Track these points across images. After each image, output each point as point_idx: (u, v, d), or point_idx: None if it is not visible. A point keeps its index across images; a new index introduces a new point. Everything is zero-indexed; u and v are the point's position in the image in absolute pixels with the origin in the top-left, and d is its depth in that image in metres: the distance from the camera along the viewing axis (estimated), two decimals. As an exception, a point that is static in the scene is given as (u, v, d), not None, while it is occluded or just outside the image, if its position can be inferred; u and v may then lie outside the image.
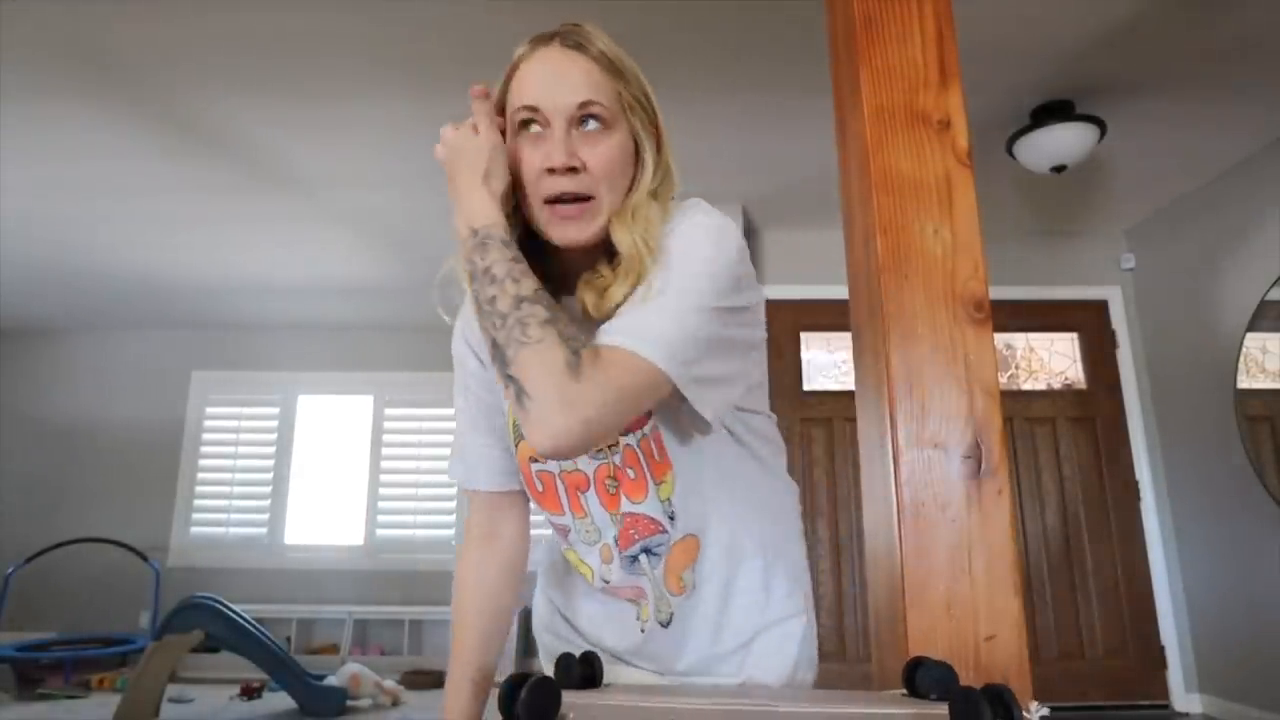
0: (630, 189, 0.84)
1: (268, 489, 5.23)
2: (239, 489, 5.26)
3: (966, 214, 1.13)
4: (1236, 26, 2.47)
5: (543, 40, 0.85)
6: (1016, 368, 4.09)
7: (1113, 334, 4.05)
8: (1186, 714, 3.56)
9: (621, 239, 0.80)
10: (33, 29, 2.43)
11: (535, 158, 0.81)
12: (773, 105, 2.94)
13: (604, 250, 0.84)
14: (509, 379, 0.72)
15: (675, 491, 0.86)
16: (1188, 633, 3.65)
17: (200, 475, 5.28)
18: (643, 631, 0.90)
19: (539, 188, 0.81)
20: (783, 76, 2.73)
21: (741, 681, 0.89)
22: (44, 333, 5.57)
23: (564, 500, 0.89)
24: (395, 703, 3.90)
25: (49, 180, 3.45)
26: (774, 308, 4.02)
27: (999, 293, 1.75)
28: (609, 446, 0.85)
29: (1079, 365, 4.06)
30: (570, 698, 0.71)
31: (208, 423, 5.38)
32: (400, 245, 4.13)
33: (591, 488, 0.87)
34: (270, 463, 5.28)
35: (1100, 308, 4.08)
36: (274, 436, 5.33)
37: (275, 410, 5.37)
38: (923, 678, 0.73)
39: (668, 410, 0.84)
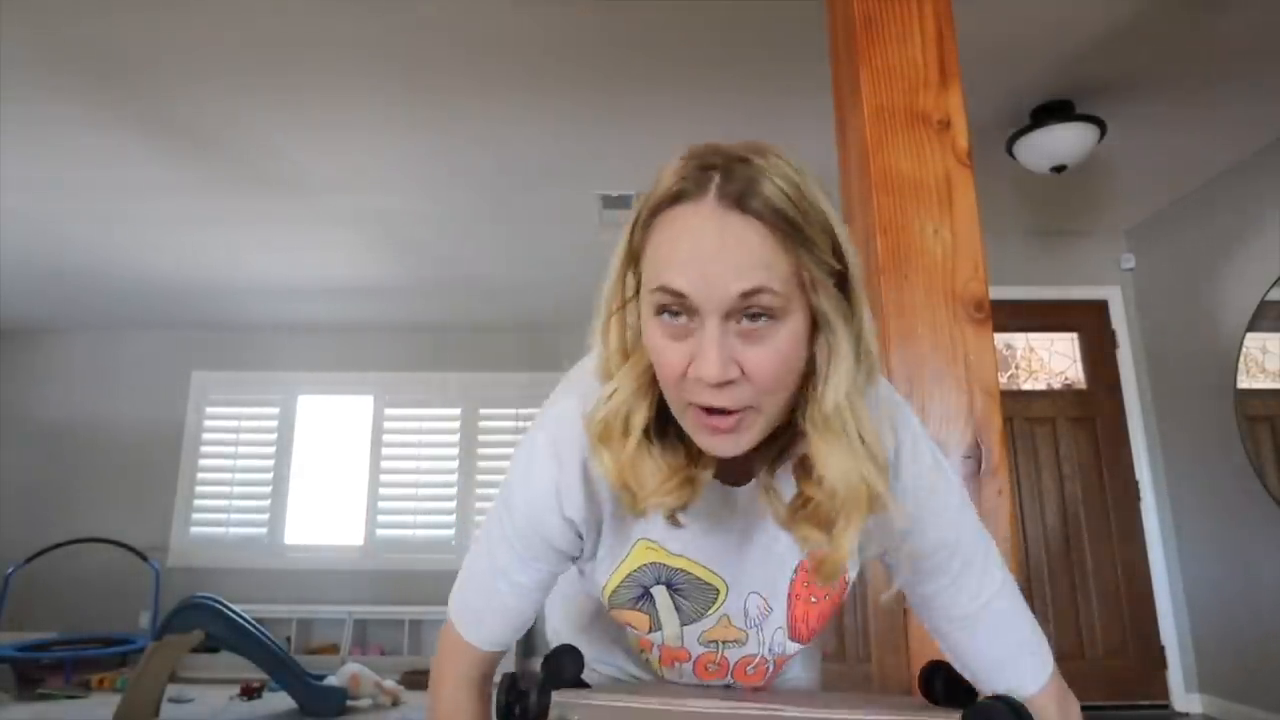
0: (811, 376, 0.65)
1: (268, 489, 5.23)
2: (239, 489, 5.26)
3: (966, 214, 1.13)
4: (1236, 26, 2.47)
5: (701, 185, 0.63)
6: (1016, 368, 4.09)
7: (1113, 334, 4.05)
8: (1186, 714, 3.56)
9: (833, 467, 0.63)
10: (33, 29, 2.43)
11: (676, 355, 0.63)
12: (773, 105, 2.93)
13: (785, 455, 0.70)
14: None
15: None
16: (1188, 633, 3.65)
17: (200, 475, 5.28)
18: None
19: (681, 389, 0.64)
20: (783, 76, 2.73)
21: (728, 684, 0.85)
22: (44, 333, 5.57)
23: (655, 656, 0.85)
24: (395, 703, 3.90)
25: (49, 180, 3.45)
26: (774, 308, 4.03)
27: (999, 293, 1.75)
28: (768, 644, 0.81)
29: (1079, 365, 4.06)
30: (566, 697, 0.71)
31: (208, 423, 5.38)
32: (400, 246, 4.13)
33: (691, 662, 0.83)
34: (270, 463, 5.28)
35: (1100, 308, 4.08)
36: (274, 436, 5.33)
37: (275, 410, 5.37)
38: (939, 684, 0.71)
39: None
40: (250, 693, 4.03)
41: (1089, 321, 4.07)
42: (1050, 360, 4.10)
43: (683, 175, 0.64)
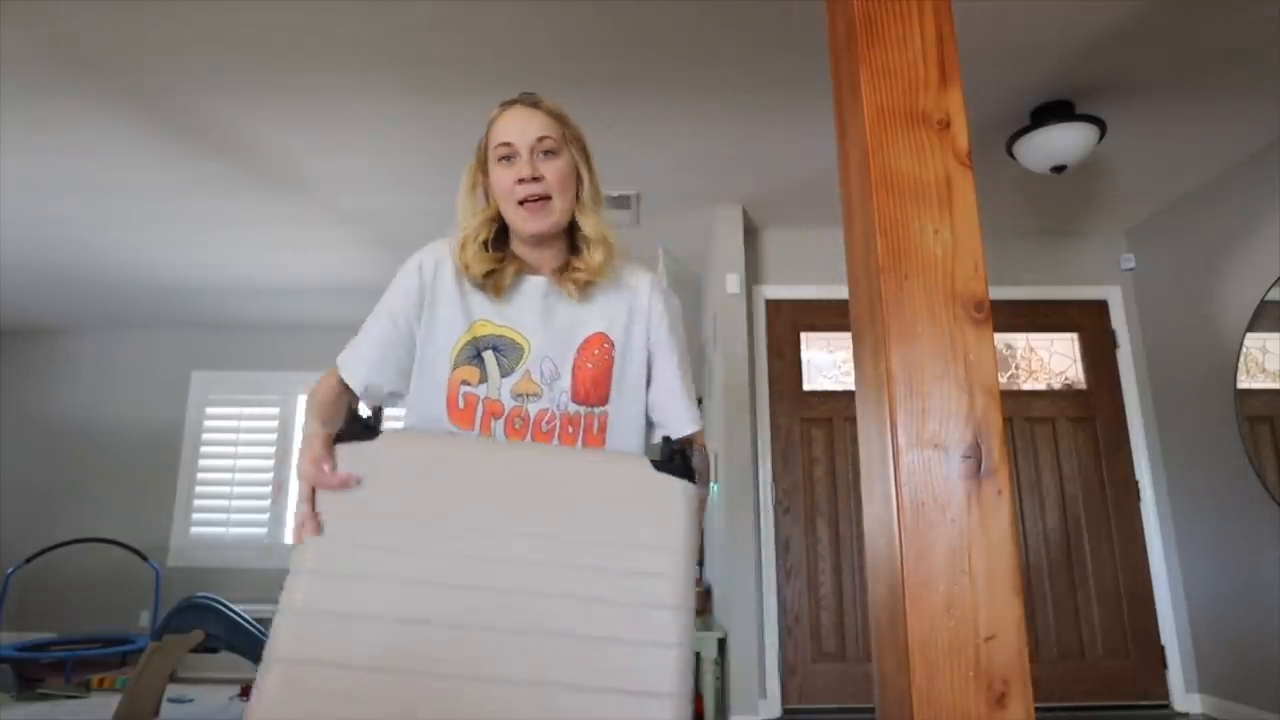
0: (578, 196, 1.21)
1: (268, 489, 5.23)
2: (239, 489, 5.26)
3: (966, 214, 1.13)
4: (1236, 26, 2.47)
5: (509, 103, 1.22)
6: (1016, 368, 4.09)
7: (1113, 334, 4.05)
8: (1186, 714, 3.56)
9: (586, 223, 1.20)
10: (33, 29, 2.43)
11: (509, 176, 1.17)
12: (773, 105, 2.94)
13: (563, 242, 1.23)
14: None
15: None
16: (1188, 633, 3.65)
17: (200, 475, 5.28)
18: None
19: (512, 195, 1.17)
20: (783, 76, 2.73)
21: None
22: (44, 333, 5.57)
23: (477, 420, 1.15)
24: (395, 703, 3.89)
25: (50, 180, 3.45)
26: (774, 307, 4.03)
27: (999, 293, 1.74)
28: (556, 402, 1.16)
29: (1079, 365, 4.06)
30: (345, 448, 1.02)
31: (208, 423, 5.38)
32: (400, 245, 4.12)
33: (503, 419, 1.15)
34: (270, 463, 5.28)
35: (1100, 308, 4.08)
36: (274, 436, 5.32)
37: (275, 410, 5.37)
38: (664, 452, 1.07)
39: (634, 419, 1.22)
40: (250, 693, 4.03)
41: (1089, 321, 4.08)
42: (1050, 360, 4.10)
43: (502, 102, 1.23)
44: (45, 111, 2.90)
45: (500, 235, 1.24)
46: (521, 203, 1.16)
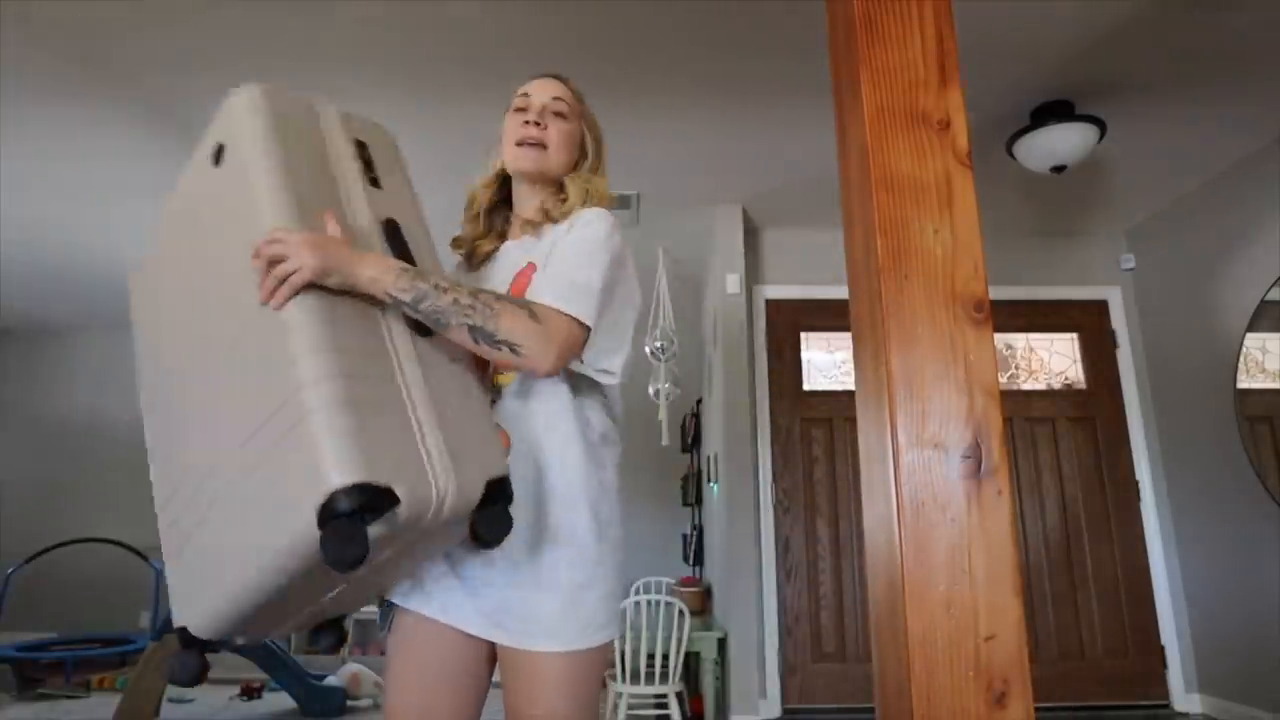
0: (577, 166, 1.27)
1: (268, 489, 5.23)
2: (239, 489, 5.25)
3: (966, 214, 1.13)
4: (1236, 26, 2.47)
5: (536, 75, 1.31)
6: (1016, 368, 4.09)
7: (1113, 334, 4.05)
8: (1186, 714, 3.56)
9: (571, 186, 1.23)
10: (34, 30, 2.43)
11: (518, 120, 1.24)
12: (773, 105, 2.94)
13: (553, 199, 1.25)
14: (499, 344, 0.99)
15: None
16: (1188, 633, 3.65)
17: (200, 475, 5.27)
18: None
19: (514, 135, 1.24)
20: (782, 76, 2.73)
21: None
22: (44, 333, 5.57)
23: None
24: (395, 703, 3.90)
25: (50, 180, 3.45)
26: (774, 308, 4.03)
27: (999, 293, 1.74)
28: None
29: (1079, 365, 4.06)
30: None
31: (208, 423, 5.37)
32: (400, 245, 4.13)
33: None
34: (270, 463, 5.27)
35: (1100, 308, 4.08)
36: (274, 436, 5.32)
37: (275, 410, 5.37)
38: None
39: None
40: (250, 693, 4.03)
41: (1089, 321, 4.08)
42: (1050, 360, 4.10)
43: (530, 77, 1.31)
44: (45, 111, 2.90)
45: (506, 201, 1.32)
46: (519, 144, 1.23)
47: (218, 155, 1.06)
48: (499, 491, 0.95)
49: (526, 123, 1.22)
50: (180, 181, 1.15)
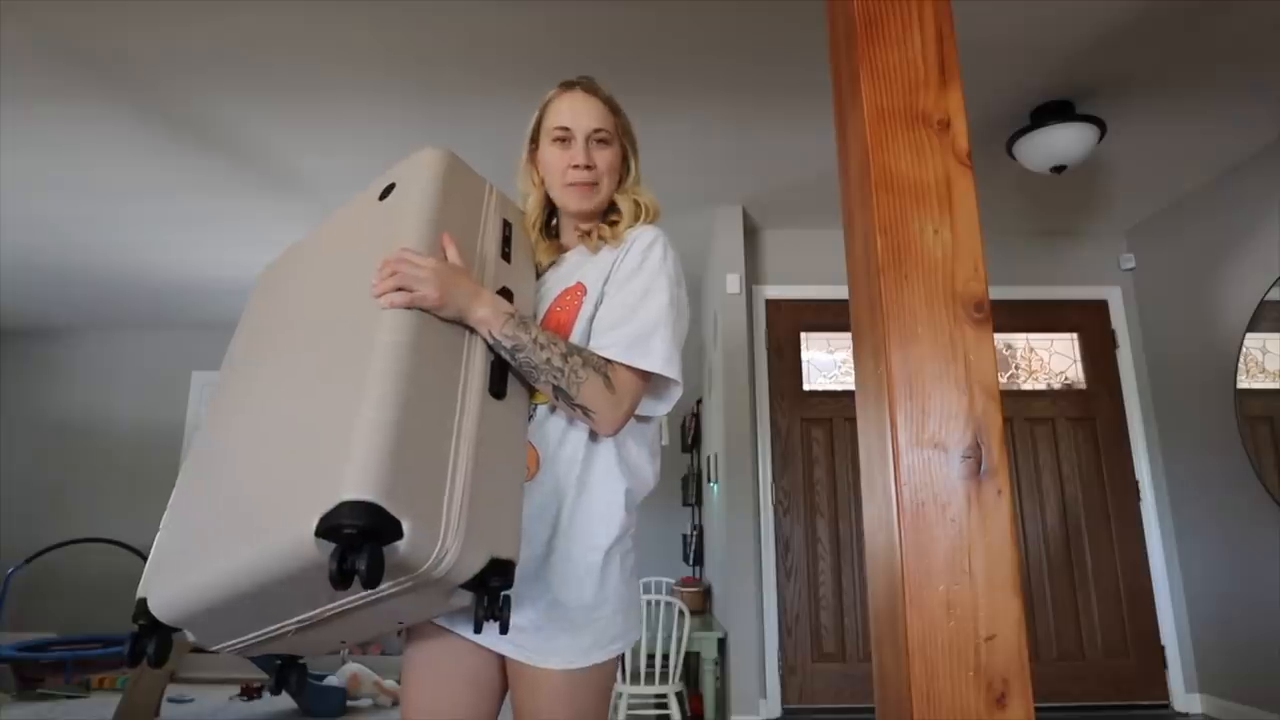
0: (622, 182, 1.30)
1: (268, 489, 5.23)
2: (239, 489, 5.25)
3: (966, 214, 1.12)
4: (1236, 26, 2.47)
5: (568, 86, 1.28)
6: (1016, 368, 4.09)
7: (1113, 334, 4.05)
8: (1186, 714, 3.56)
9: (623, 203, 1.27)
10: (34, 29, 2.43)
11: (564, 158, 1.24)
12: (773, 105, 2.94)
13: (600, 221, 1.28)
14: (576, 406, 1.06)
15: None
16: (1188, 633, 3.65)
17: (200, 475, 5.27)
18: None
19: (565, 177, 1.24)
20: (782, 77, 2.73)
21: None
22: (44, 333, 5.57)
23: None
24: (395, 703, 3.90)
25: (50, 180, 3.45)
26: (774, 307, 4.03)
27: (999, 293, 1.74)
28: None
29: (1079, 365, 4.06)
30: None
31: (208, 423, 5.37)
32: (400, 245, 4.13)
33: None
34: (270, 463, 5.27)
35: (1100, 308, 4.08)
36: (274, 436, 5.32)
37: (275, 410, 5.37)
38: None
39: None
40: (250, 693, 4.03)
41: (1089, 321, 4.08)
42: (1050, 360, 4.10)
43: (560, 85, 1.29)
44: (45, 111, 2.90)
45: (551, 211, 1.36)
46: (570, 184, 1.24)
47: (386, 192, 1.19)
48: (499, 571, 0.92)
49: (576, 166, 1.22)
50: (336, 213, 1.29)
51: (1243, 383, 3.33)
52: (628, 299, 1.13)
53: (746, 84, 2.79)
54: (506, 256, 1.20)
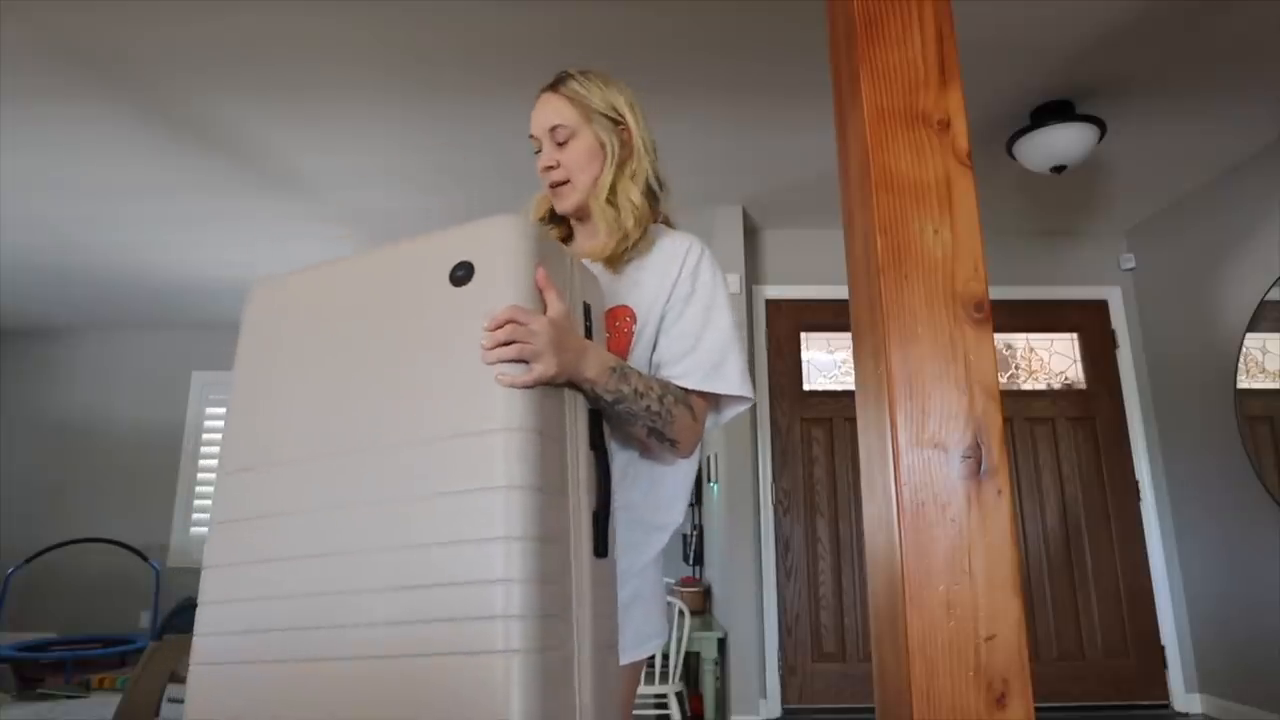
0: (601, 170, 1.23)
1: (268, 489, 5.22)
2: (239, 489, 5.25)
3: (966, 214, 1.12)
4: (1236, 26, 2.47)
5: (542, 90, 1.28)
6: (1016, 368, 4.09)
7: (1113, 334, 4.05)
8: (1186, 714, 3.56)
9: (595, 210, 1.23)
10: (34, 29, 2.43)
11: (538, 165, 1.25)
12: (773, 105, 2.94)
13: (606, 219, 1.24)
14: (666, 440, 1.10)
15: None
16: (1188, 633, 3.65)
17: (200, 475, 5.28)
18: None
19: (544, 181, 1.26)
20: (783, 76, 2.73)
21: None
22: (44, 333, 5.57)
23: None
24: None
25: (50, 180, 3.44)
26: (774, 307, 4.03)
27: (999, 293, 1.74)
28: None
29: (1079, 365, 4.06)
30: None
31: (208, 423, 5.38)
32: (400, 245, 4.12)
33: None
34: (270, 463, 5.27)
35: (1100, 308, 4.08)
36: (274, 436, 5.32)
37: (275, 410, 5.37)
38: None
39: None
40: (250, 693, 4.02)
41: (1089, 321, 4.08)
42: (1050, 360, 4.10)
43: (540, 89, 1.29)
44: (45, 111, 2.90)
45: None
46: (550, 186, 1.26)
47: (464, 274, 0.95)
48: None
49: (545, 169, 1.23)
50: (361, 260, 1.07)
51: (1243, 383, 3.33)
52: (689, 326, 1.15)
53: (746, 84, 2.79)
54: (588, 331, 1.07)
